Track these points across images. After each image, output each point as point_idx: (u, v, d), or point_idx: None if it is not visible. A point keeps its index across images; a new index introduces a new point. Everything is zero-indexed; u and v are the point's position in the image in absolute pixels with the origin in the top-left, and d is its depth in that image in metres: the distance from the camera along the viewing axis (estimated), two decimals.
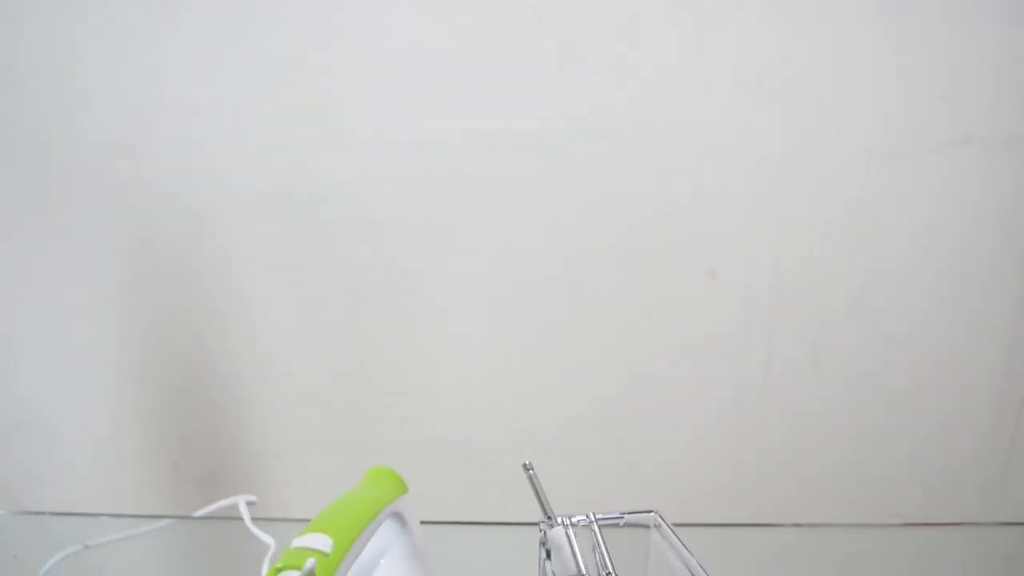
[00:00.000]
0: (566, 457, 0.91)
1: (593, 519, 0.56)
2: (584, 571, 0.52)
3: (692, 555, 0.53)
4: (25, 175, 0.88)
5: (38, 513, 0.98)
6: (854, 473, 0.95)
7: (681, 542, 0.54)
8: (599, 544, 0.54)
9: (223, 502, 0.90)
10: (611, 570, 0.52)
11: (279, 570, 0.45)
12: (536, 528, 0.57)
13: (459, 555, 0.87)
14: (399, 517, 0.61)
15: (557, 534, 0.54)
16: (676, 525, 0.57)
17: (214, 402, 0.95)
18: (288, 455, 0.97)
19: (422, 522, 0.66)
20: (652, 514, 0.58)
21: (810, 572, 0.89)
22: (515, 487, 0.79)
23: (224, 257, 0.89)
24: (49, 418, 0.96)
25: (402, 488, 0.62)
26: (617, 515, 0.57)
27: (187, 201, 0.88)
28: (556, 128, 0.86)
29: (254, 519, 0.84)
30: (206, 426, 0.96)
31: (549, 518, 0.56)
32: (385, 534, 0.62)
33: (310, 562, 0.44)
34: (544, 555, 0.55)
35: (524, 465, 0.57)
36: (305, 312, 0.91)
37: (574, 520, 0.56)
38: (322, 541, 0.48)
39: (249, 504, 0.91)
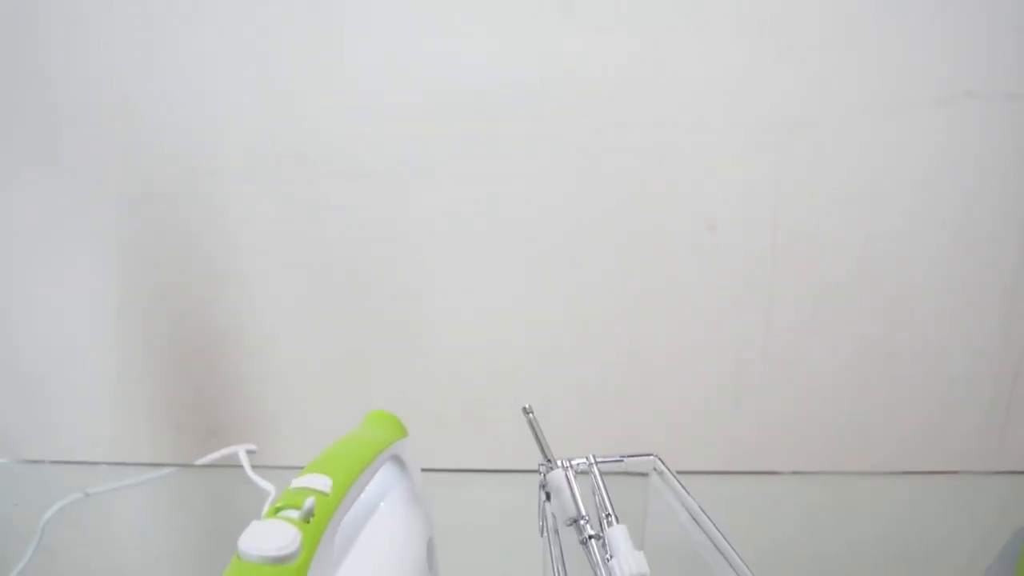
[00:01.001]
0: (566, 408, 0.91)
1: (593, 461, 0.56)
2: (583, 512, 0.52)
3: (692, 497, 0.53)
4: (22, 130, 0.87)
5: (38, 462, 0.99)
6: (854, 424, 0.95)
7: (681, 485, 0.54)
8: (598, 486, 0.54)
9: (223, 451, 0.91)
10: (610, 511, 0.52)
11: (278, 509, 0.45)
12: (535, 475, 0.57)
13: (459, 501, 0.88)
14: (398, 460, 0.61)
15: (556, 477, 0.54)
16: (675, 473, 0.57)
17: (213, 358, 0.95)
18: (288, 408, 0.97)
19: (422, 469, 0.67)
20: (652, 457, 0.58)
21: (810, 518, 0.90)
22: (514, 437, 0.80)
23: (223, 213, 0.89)
24: (47, 374, 0.96)
25: (401, 432, 0.62)
26: (617, 458, 0.58)
27: (185, 156, 0.87)
28: (556, 83, 0.85)
29: (254, 467, 0.85)
30: (206, 382, 0.96)
31: (548, 461, 0.56)
32: (384, 477, 0.62)
33: (309, 501, 0.44)
34: (543, 497, 0.55)
35: (524, 408, 0.57)
36: (303, 268, 0.91)
37: (574, 463, 0.56)
38: (321, 481, 0.48)
39: (249, 453, 0.92)
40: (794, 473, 0.96)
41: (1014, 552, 0.68)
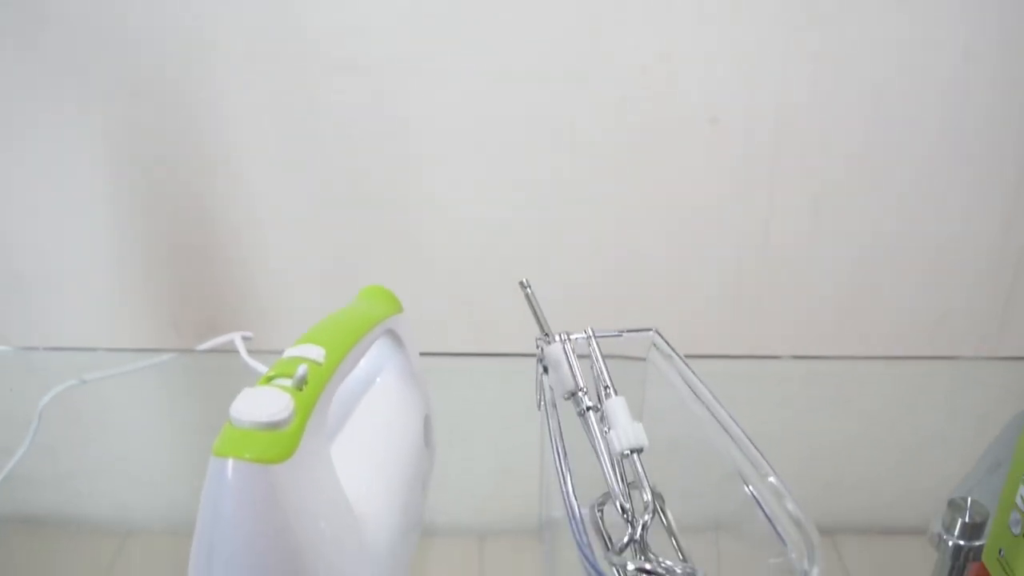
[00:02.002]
0: (562, 301, 0.92)
1: (591, 334, 0.55)
2: (581, 384, 0.52)
3: (691, 370, 0.52)
4: (6, 25, 0.84)
5: (34, 348, 0.98)
6: (854, 311, 0.95)
7: (680, 358, 0.53)
8: (597, 359, 0.53)
9: (219, 339, 0.90)
10: (608, 383, 0.52)
11: (271, 378, 0.44)
12: (532, 359, 0.56)
13: (455, 384, 0.88)
14: (394, 336, 0.60)
15: (554, 350, 0.54)
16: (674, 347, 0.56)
17: (210, 251, 0.94)
18: (284, 299, 0.96)
19: (420, 354, 0.66)
20: (651, 333, 0.57)
21: (809, 402, 0.90)
22: (510, 325, 0.79)
23: (217, 103, 0.87)
24: (43, 264, 0.95)
25: (397, 307, 0.61)
26: (615, 332, 0.57)
27: (178, 45, 0.85)
28: None
29: (250, 352, 0.84)
30: (203, 274, 0.95)
31: (546, 334, 0.55)
32: (380, 353, 0.61)
33: (302, 368, 0.43)
34: (541, 371, 0.54)
35: (521, 283, 0.56)
36: (300, 163, 0.89)
37: (572, 337, 0.55)
38: (315, 351, 0.47)
39: (245, 339, 0.91)
40: (794, 357, 0.95)
41: (1013, 435, 0.67)
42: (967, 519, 0.56)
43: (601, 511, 0.53)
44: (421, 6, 0.82)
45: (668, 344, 0.55)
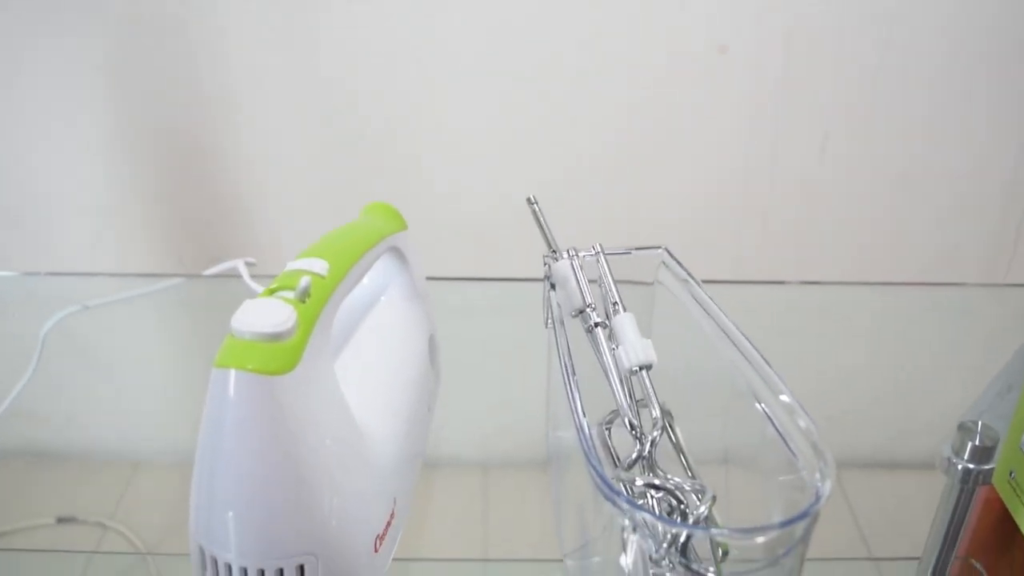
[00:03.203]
0: (569, 225, 0.91)
1: (600, 251, 0.54)
2: (589, 300, 0.51)
3: (700, 287, 0.51)
4: None
5: (35, 273, 0.97)
6: (863, 239, 0.94)
7: (689, 275, 0.52)
8: (605, 275, 0.52)
9: (223, 265, 0.89)
10: (617, 300, 0.51)
11: (274, 291, 0.43)
12: (539, 283, 0.55)
13: (460, 306, 0.87)
14: (398, 254, 0.59)
15: (562, 266, 0.53)
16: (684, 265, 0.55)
17: (213, 178, 0.93)
18: (288, 225, 0.95)
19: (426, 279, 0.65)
20: (660, 250, 0.56)
21: (818, 327, 0.89)
22: (516, 250, 0.78)
23: (220, 36, 0.85)
24: (44, 190, 0.93)
25: (401, 224, 0.59)
26: (624, 250, 0.56)
27: None
28: None
29: (254, 278, 0.84)
30: (206, 202, 0.94)
31: (554, 251, 0.54)
32: (384, 271, 0.60)
33: (304, 280, 0.43)
34: (548, 288, 0.53)
35: (528, 199, 0.54)
36: (302, 91, 0.88)
37: (580, 254, 0.54)
38: (318, 264, 0.46)
39: (248, 265, 0.90)
40: (802, 283, 0.95)
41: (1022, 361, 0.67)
42: (977, 443, 0.55)
43: (609, 430, 0.52)
44: None
45: (678, 262, 0.54)
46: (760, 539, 0.34)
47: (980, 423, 0.55)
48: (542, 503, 0.63)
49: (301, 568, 0.42)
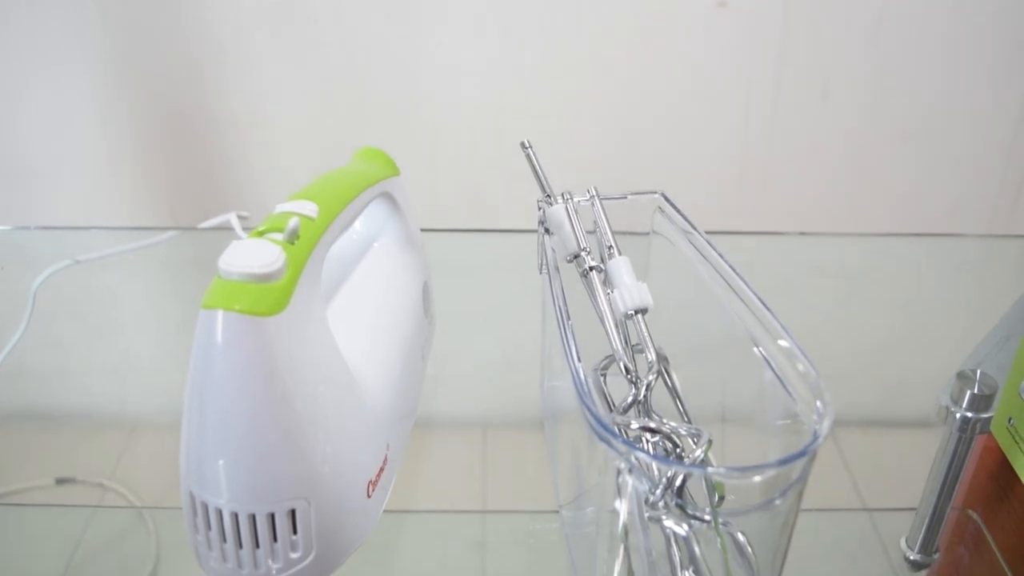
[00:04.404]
0: (565, 174, 0.90)
1: (595, 194, 0.53)
2: (584, 243, 0.50)
3: (698, 232, 0.50)
4: None
5: (26, 228, 0.96)
6: (862, 189, 0.93)
7: (685, 219, 0.51)
8: (600, 218, 0.51)
9: (216, 219, 0.89)
10: (612, 243, 0.50)
11: (262, 232, 0.42)
12: (534, 234, 0.54)
13: (455, 257, 0.86)
14: (391, 199, 0.58)
15: (557, 211, 0.52)
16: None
17: (204, 132, 0.92)
18: (282, 179, 0.94)
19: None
20: (656, 195, 0.55)
21: (816, 279, 0.89)
22: (511, 201, 0.77)
23: None
24: (34, 148, 0.92)
25: (393, 169, 0.58)
26: (620, 195, 0.55)
27: None
28: None
29: (246, 230, 0.83)
30: (198, 155, 0.93)
31: (548, 196, 0.53)
32: (376, 217, 0.60)
33: (293, 221, 0.42)
34: (543, 233, 0.52)
35: (523, 143, 0.53)
36: (295, 42, 0.87)
37: (575, 199, 0.53)
38: (307, 207, 0.45)
39: (241, 218, 0.89)
40: (800, 234, 0.94)
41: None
42: (976, 391, 0.54)
43: (604, 376, 0.51)
44: None
45: (674, 206, 0.53)
46: (757, 478, 0.33)
47: (979, 371, 0.55)
48: (539, 456, 0.62)
49: (292, 513, 0.41)
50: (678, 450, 0.43)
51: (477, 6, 0.84)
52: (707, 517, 0.37)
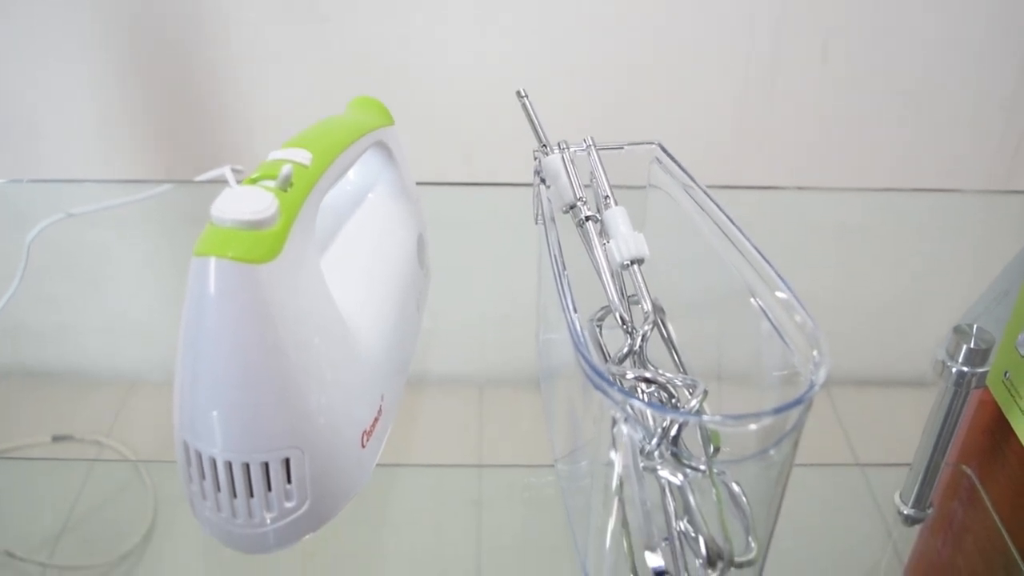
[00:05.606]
0: (566, 122, 0.89)
1: (591, 144, 0.52)
2: (580, 193, 0.49)
3: (696, 184, 0.50)
4: None
5: (19, 181, 0.95)
6: (862, 145, 0.92)
7: (683, 170, 0.51)
8: (596, 168, 0.51)
9: (210, 173, 0.87)
10: (609, 194, 0.50)
11: (255, 180, 0.42)
12: (530, 188, 0.54)
13: (450, 211, 0.86)
14: (385, 149, 0.57)
15: (553, 160, 0.51)
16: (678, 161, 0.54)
17: (198, 89, 0.91)
18: (277, 134, 0.93)
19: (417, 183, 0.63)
20: (654, 146, 0.54)
21: (813, 233, 0.88)
22: (511, 148, 0.76)
23: None
24: (23, 108, 0.91)
25: (387, 118, 0.58)
26: (617, 145, 0.54)
27: None
28: None
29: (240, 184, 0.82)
30: (192, 111, 0.92)
31: (544, 146, 0.52)
32: (371, 168, 0.59)
33: (286, 168, 0.41)
34: (539, 184, 0.52)
35: (518, 92, 0.53)
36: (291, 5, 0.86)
37: (571, 149, 0.52)
38: (301, 154, 0.44)
39: (235, 172, 0.88)
40: (798, 188, 0.93)
41: (1023, 264, 0.66)
42: (972, 345, 0.54)
43: (600, 327, 0.51)
44: None
45: (671, 157, 0.52)
46: (752, 426, 0.33)
47: (975, 326, 0.55)
48: (534, 410, 0.62)
49: (287, 462, 0.41)
50: (674, 400, 0.43)
51: None
52: (702, 467, 0.36)
